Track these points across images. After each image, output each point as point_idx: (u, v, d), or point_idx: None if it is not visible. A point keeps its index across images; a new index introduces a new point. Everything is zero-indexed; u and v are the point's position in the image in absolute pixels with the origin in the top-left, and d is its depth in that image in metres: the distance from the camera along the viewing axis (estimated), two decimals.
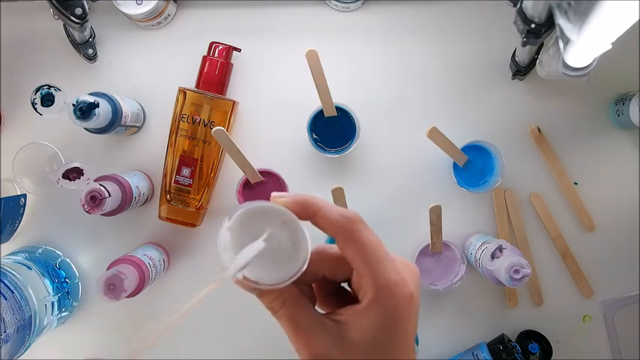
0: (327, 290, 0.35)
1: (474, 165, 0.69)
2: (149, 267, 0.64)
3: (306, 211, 0.30)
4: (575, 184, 0.72)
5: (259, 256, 0.30)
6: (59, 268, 0.69)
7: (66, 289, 0.68)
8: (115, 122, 0.63)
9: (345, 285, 0.35)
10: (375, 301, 0.29)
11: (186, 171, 0.67)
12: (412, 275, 0.32)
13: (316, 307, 0.33)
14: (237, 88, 0.71)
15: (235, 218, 0.31)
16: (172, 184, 0.67)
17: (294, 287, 0.31)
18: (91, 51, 0.69)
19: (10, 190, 0.70)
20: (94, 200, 0.57)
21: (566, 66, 0.54)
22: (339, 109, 0.66)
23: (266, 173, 0.66)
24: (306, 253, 0.30)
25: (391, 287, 0.29)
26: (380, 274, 0.30)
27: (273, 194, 0.31)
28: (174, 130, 0.67)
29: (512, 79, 0.71)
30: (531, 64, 0.67)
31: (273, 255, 0.31)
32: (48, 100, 0.57)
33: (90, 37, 0.68)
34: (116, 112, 0.63)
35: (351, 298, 0.32)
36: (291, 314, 0.31)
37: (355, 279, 0.31)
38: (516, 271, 0.59)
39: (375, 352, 0.29)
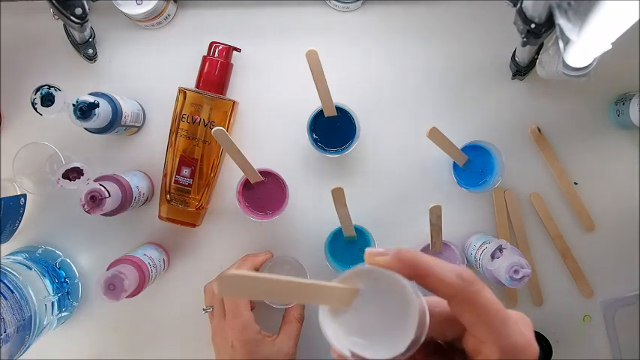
0: (429, 350, 0.32)
1: (474, 165, 0.69)
2: (149, 267, 0.64)
3: (415, 272, 0.27)
4: (575, 184, 0.72)
5: (367, 325, 0.27)
6: (59, 268, 0.69)
7: (66, 289, 0.68)
8: (115, 122, 0.63)
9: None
10: None
11: (186, 171, 0.67)
12: (531, 330, 0.30)
13: None
14: (237, 88, 0.71)
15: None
16: (172, 184, 0.67)
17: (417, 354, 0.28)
18: (91, 51, 0.69)
19: (10, 190, 0.70)
20: (94, 200, 0.57)
21: (566, 66, 0.54)
22: (339, 109, 0.66)
23: (266, 173, 0.66)
24: (423, 317, 0.27)
25: (518, 350, 0.27)
26: (505, 339, 0.27)
27: (369, 251, 0.28)
28: (174, 130, 0.67)
29: (512, 79, 0.71)
30: (531, 64, 0.67)
31: (380, 324, 0.27)
32: (48, 100, 0.57)
33: (90, 37, 0.68)
34: (116, 112, 0.63)
35: (451, 356, 0.30)
36: None
37: (471, 342, 0.29)
38: (516, 271, 0.59)
39: None
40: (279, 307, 0.66)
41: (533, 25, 0.52)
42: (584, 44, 0.46)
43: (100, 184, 0.58)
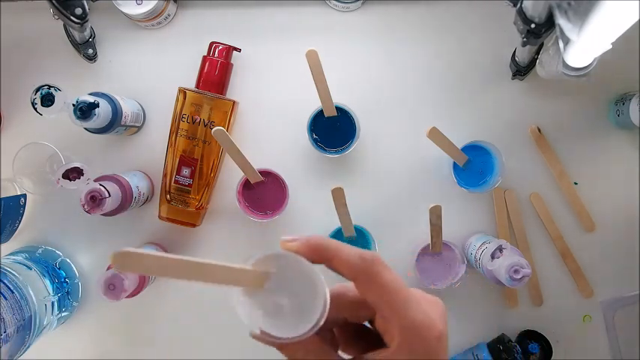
0: (350, 333, 0.33)
1: (474, 165, 0.69)
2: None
3: (321, 256, 0.29)
4: (575, 184, 0.72)
5: (277, 306, 0.29)
6: (59, 268, 0.69)
7: (66, 289, 0.68)
8: (115, 122, 0.63)
9: (367, 323, 0.33)
10: (403, 345, 0.28)
11: (186, 171, 0.67)
12: (439, 312, 0.30)
13: (340, 353, 0.32)
14: (237, 88, 0.71)
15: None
16: (172, 184, 0.67)
17: (315, 335, 0.30)
18: (91, 51, 0.69)
19: (10, 190, 0.70)
20: (94, 200, 0.57)
21: (566, 66, 0.54)
22: (339, 109, 0.66)
23: (266, 173, 0.66)
24: (324, 302, 0.28)
25: (419, 329, 0.28)
26: (406, 316, 0.28)
27: (283, 238, 0.30)
28: (174, 130, 0.67)
29: (512, 79, 0.71)
30: (531, 64, 0.67)
31: (289, 305, 0.29)
32: (48, 100, 0.57)
33: (90, 37, 0.68)
34: (116, 112, 0.63)
35: (376, 339, 0.31)
36: None
37: (379, 322, 0.30)
38: (516, 271, 0.59)
39: None
40: None
41: (533, 25, 0.52)
42: (584, 44, 0.46)
43: (100, 184, 0.58)
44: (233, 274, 0.28)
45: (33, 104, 0.57)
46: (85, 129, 0.63)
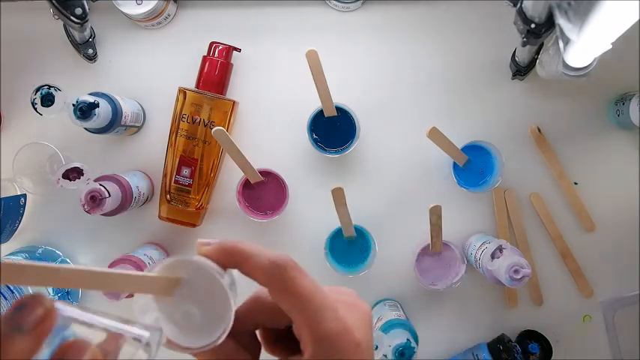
0: (273, 336, 0.32)
1: (474, 165, 0.69)
2: (149, 267, 0.64)
3: (232, 259, 0.28)
4: (575, 184, 0.72)
5: (184, 315, 0.28)
6: None
7: (66, 289, 0.68)
8: (115, 122, 0.63)
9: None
10: (315, 354, 0.27)
11: (186, 171, 0.67)
12: (359, 319, 0.29)
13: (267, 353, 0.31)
14: (237, 88, 0.71)
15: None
16: (172, 184, 0.67)
17: (230, 341, 0.29)
18: (91, 51, 0.69)
19: (10, 190, 0.70)
20: (94, 200, 0.57)
21: (566, 66, 0.54)
22: (339, 109, 0.66)
23: (266, 173, 0.66)
24: (229, 312, 0.27)
25: (332, 339, 0.26)
26: (318, 325, 0.27)
27: (198, 241, 0.29)
28: (174, 130, 0.67)
29: (512, 79, 0.71)
30: (531, 64, 0.67)
31: (198, 313, 0.28)
32: (48, 100, 0.57)
33: (90, 37, 0.68)
34: (116, 112, 0.63)
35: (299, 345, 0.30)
36: None
37: (295, 329, 0.29)
38: (516, 271, 0.59)
39: None
40: None
41: (533, 25, 0.52)
42: (584, 44, 0.46)
43: (100, 184, 0.58)
44: (140, 281, 0.27)
45: (33, 104, 0.57)
46: (85, 129, 0.63)
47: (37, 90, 0.57)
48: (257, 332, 0.32)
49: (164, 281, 0.28)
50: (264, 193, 0.67)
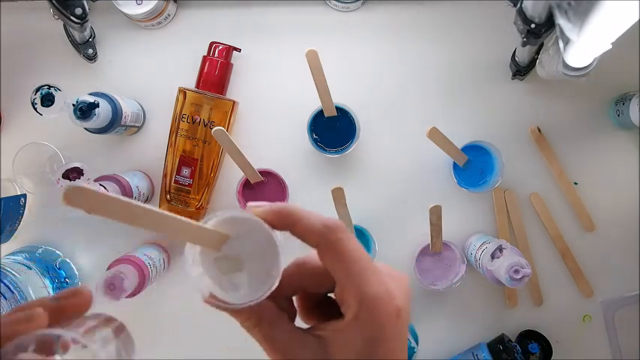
0: (311, 302, 0.32)
1: (474, 165, 0.69)
2: (149, 267, 0.64)
3: (285, 221, 0.28)
4: (575, 184, 0.72)
5: (230, 271, 0.28)
6: (59, 268, 0.69)
7: (65, 280, 0.68)
8: (115, 122, 0.63)
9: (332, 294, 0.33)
10: (358, 316, 0.27)
11: (186, 171, 0.67)
12: (400, 287, 0.29)
13: (300, 320, 0.32)
14: (237, 88, 0.71)
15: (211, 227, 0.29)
16: (172, 184, 0.67)
17: (271, 302, 0.29)
18: (91, 51, 0.69)
19: (10, 190, 0.70)
20: None
21: (566, 66, 0.54)
22: (339, 109, 0.66)
23: (266, 173, 0.66)
24: (277, 269, 0.28)
25: (375, 302, 0.27)
26: (363, 286, 0.27)
27: (250, 204, 0.29)
28: (174, 130, 0.67)
29: (512, 79, 0.71)
30: (531, 64, 0.67)
31: (245, 269, 0.29)
32: (48, 100, 0.57)
33: (90, 37, 0.68)
34: (116, 112, 0.63)
35: (338, 311, 0.30)
36: (267, 332, 0.29)
37: (338, 291, 0.29)
38: (516, 271, 0.59)
39: None
40: None
41: (533, 25, 0.52)
42: (584, 44, 0.46)
43: (100, 184, 0.58)
44: (191, 230, 0.27)
45: (33, 104, 0.57)
46: (85, 129, 0.63)
47: (37, 90, 0.57)
48: (294, 299, 0.32)
49: (214, 235, 0.28)
50: (264, 193, 0.67)
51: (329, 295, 0.32)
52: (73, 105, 0.58)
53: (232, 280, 0.29)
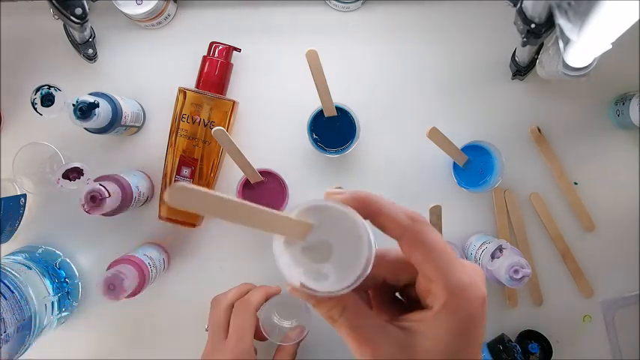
0: (384, 297, 0.32)
1: (473, 165, 0.69)
2: (149, 267, 0.64)
3: (368, 210, 0.28)
4: (575, 184, 0.72)
5: (316, 260, 0.28)
6: (59, 268, 0.69)
7: (66, 289, 0.68)
8: (115, 122, 0.63)
9: (398, 295, 0.33)
10: (447, 305, 0.27)
11: (186, 171, 0.67)
12: (481, 276, 0.29)
13: None
14: (237, 88, 0.71)
15: (296, 216, 0.28)
16: (172, 184, 0.67)
17: (353, 293, 0.29)
18: (91, 51, 0.69)
19: (10, 190, 0.70)
20: (94, 200, 0.57)
21: (566, 66, 0.54)
22: (339, 109, 0.66)
23: (266, 173, 0.66)
24: (369, 256, 0.27)
25: (464, 290, 0.28)
26: (451, 276, 0.28)
27: (328, 191, 0.29)
28: (174, 130, 0.67)
29: (512, 79, 0.71)
30: (531, 64, 0.67)
31: (331, 258, 0.28)
32: (48, 100, 0.57)
33: (90, 37, 0.68)
34: (116, 112, 0.63)
35: (408, 307, 0.30)
36: (353, 322, 0.28)
37: (422, 283, 0.29)
38: (516, 271, 0.59)
39: (447, 358, 0.27)
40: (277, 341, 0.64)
41: (533, 25, 0.52)
42: (584, 44, 0.46)
43: (100, 184, 0.58)
44: (276, 221, 0.27)
45: (33, 104, 0.57)
46: (85, 129, 0.63)
47: (37, 90, 0.57)
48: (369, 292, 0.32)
49: (299, 224, 0.28)
50: (264, 193, 0.67)
51: (397, 295, 0.32)
52: (73, 105, 0.58)
53: (319, 269, 0.28)
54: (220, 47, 0.68)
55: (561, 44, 0.49)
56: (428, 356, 0.27)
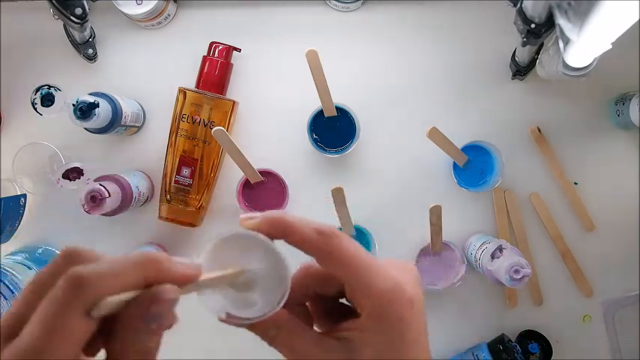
0: (323, 308, 0.32)
1: (473, 165, 0.69)
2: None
3: (278, 230, 0.28)
4: (575, 184, 0.72)
5: (240, 288, 0.28)
6: None
7: None
8: (115, 122, 0.63)
9: (344, 300, 0.33)
10: (373, 312, 0.28)
11: (186, 171, 0.67)
12: (408, 276, 0.29)
13: (314, 328, 0.32)
14: (237, 88, 0.71)
15: (206, 254, 0.29)
16: (172, 184, 0.67)
17: (286, 311, 0.29)
18: (91, 51, 0.69)
19: (10, 190, 0.70)
20: (94, 200, 0.57)
21: (566, 66, 0.54)
22: (339, 109, 0.66)
23: (266, 173, 0.66)
24: (287, 276, 0.28)
25: (387, 296, 0.28)
26: (372, 284, 0.28)
27: (242, 216, 0.29)
28: (174, 130, 0.67)
29: (512, 79, 0.71)
30: (531, 64, 0.67)
31: (256, 285, 0.29)
32: (48, 100, 0.57)
33: (90, 37, 0.68)
34: (116, 112, 0.63)
35: (351, 312, 0.30)
36: (288, 341, 0.29)
37: (348, 293, 0.30)
38: (516, 271, 0.59)
39: None
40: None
41: (533, 25, 0.52)
42: (584, 44, 0.46)
43: (100, 184, 0.58)
44: (216, 281, 0.28)
45: (33, 104, 0.57)
46: (85, 129, 0.63)
47: (37, 90, 0.57)
48: (308, 306, 0.32)
49: (232, 275, 0.28)
50: (264, 193, 0.67)
51: (340, 300, 0.32)
52: (73, 105, 0.58)
53: (247, 298, 0.29)
54: (220, 47, 0.68)
55: (561, 44, 0.49)
56: None
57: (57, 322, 0.22)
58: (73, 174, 0.58)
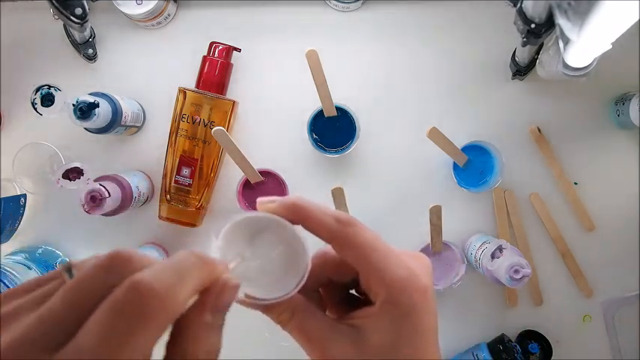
0: (336, 297, 0.33)
1: (473, 165, 0.69)
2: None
3: (296, 215, 0.29)
4: (575, 184, 0.72)
5: (259, 270, 0.28)
6: None
7: None
8: (115, 122, 0.63)
9: (353, 292, 0.33)
10: (387, 300, 0.28)
11: (186, 171, 0.67)
12: (422, 266, 0.30)
13: (327, 314, 0.32)
14: (237, 88, 0.71)
15: (224, 236, 0.29)
16: (172, 184, 0.67)
17: (301, 296, 0.29)
18: (91, 51, 0.69)
19: (10, 190, 0.70)
20: (94, 200, 0.57)
21: (566, 66, 0.54)
22: (339, 109, 0.66)
23: (266, 173, 0.67)
24: (306, 260, 0.28)
25: (402, 283, 0.28)
26: (386, 272, 0.28)
27: (260, 200, 0.29)
28: (174, 130, 0.67)
29: (512, 79, 0.71)
30: (531, 64, 0.67)
31: (272, 266, 0.29)
32: (48, 100, 0.57)
33: (90, 37, 0.68)
34: (116, 112, 0.63)
35: (363, 303, 0.31)
36: (302, 324, 0.29)
37: (363, 280, 0.30)
38: (516, 271, 0.59)
39: (396, 353, 0.28)
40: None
41: (533, 25, 0.52)
42: (584, 44, 0.46)
43: (100, 184, 0.58)
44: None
45: (33, 104, 0.57)
46: (85, 129, 0.63)
47: (37, 90, 0.57)
48: (321, 292, 0.33)
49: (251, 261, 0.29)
50: (264, 193, 0.67)
51: (350, 292, 0.33)
52: (73, 105, 0.58)
53: (263, 279, 0.29)
54: (220, 47, 0.68)
55: (561, 44, 0.49)
56: (376, 350, 0.28)
57: (129, 340, 0.20)
58: (73, 174, 0.58)
